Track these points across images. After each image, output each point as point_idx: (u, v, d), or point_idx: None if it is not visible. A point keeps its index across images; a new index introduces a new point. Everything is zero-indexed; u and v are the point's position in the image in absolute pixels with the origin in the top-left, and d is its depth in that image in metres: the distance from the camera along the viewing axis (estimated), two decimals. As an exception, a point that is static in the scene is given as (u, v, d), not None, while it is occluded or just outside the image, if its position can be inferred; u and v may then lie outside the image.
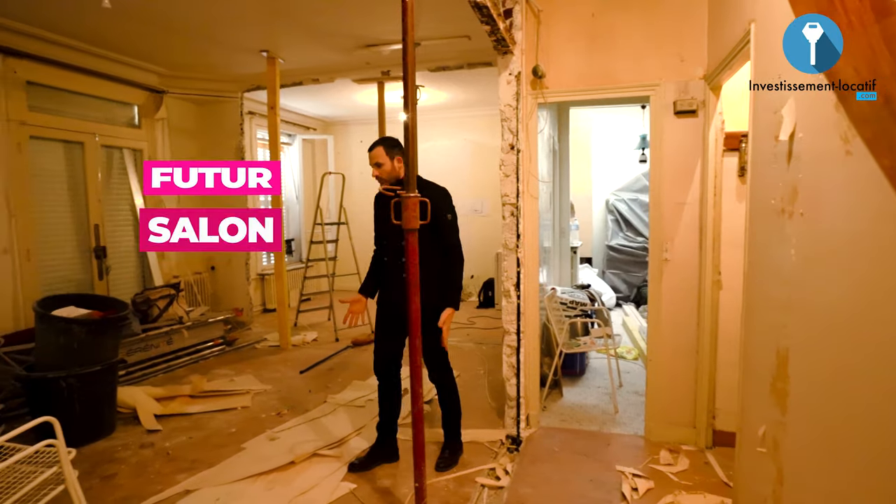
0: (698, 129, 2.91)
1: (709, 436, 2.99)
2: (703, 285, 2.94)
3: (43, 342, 3.20)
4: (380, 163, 2.64)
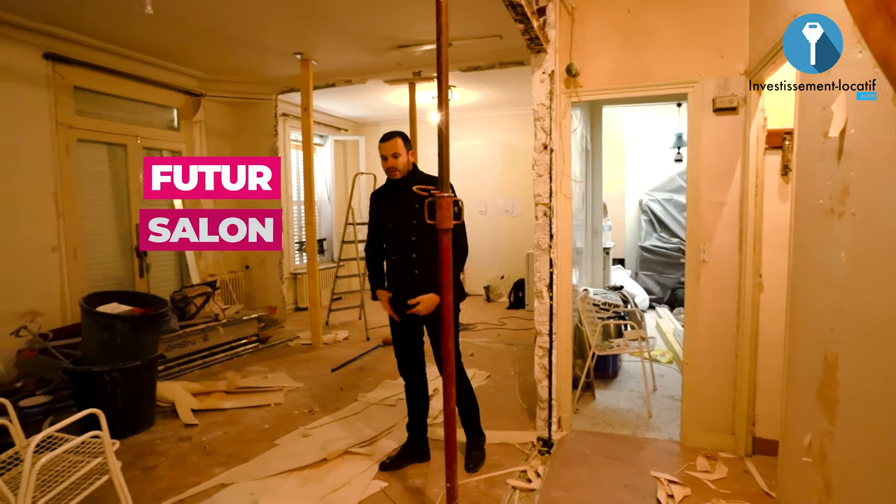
0: (738, 127, 2.82)
1: (748, 443, 2.89)
2: (742, 287, 2.85)
3: (88, 337, 3.32)
4: (398, 153, 2.59)
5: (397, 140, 2.60)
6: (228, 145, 6.15)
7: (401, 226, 2.62)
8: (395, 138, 2.60)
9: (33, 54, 4.08)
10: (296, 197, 7.24)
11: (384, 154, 2.61)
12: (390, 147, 2.59)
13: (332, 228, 8.20)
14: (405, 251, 2.62)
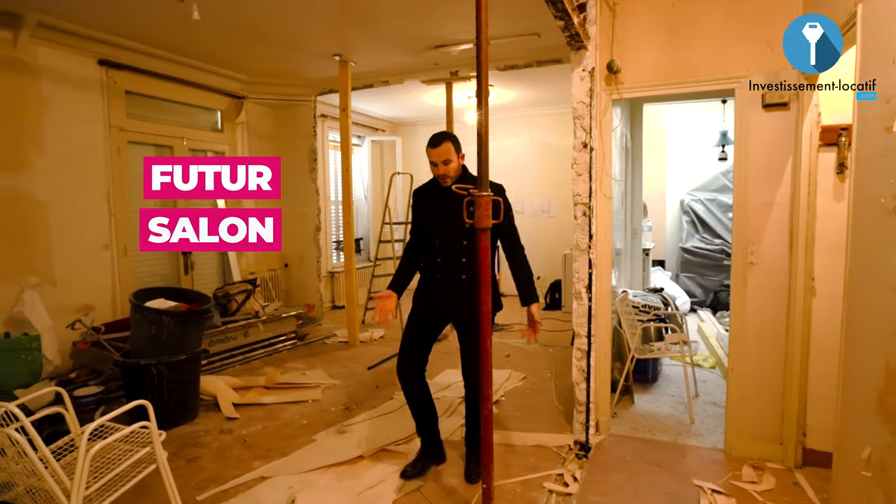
0: (790, 123, 2.70)
1: (798, 454, 2.76)
2: (793, 291, 2.72)
3: (137, 331, 3.45)
4: (449, 160, 2.46)
5: (448, 145, 2.45)
6: (269, 146, 6.30)
7: (451, 230, 2.48)
8: (445, 143, 2.44)
9: (89, 61, 4.28)
10: (333, 197, 7.35)
11: (434, 161, 2.47)
12: (441, 153, 2.45)
13: (368, 228, 8.29)
14: (453, 255, 2.51)
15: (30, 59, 3.87)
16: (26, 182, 3.89)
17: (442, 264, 2.54)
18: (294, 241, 6.50)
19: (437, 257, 2.55)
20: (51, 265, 4.05)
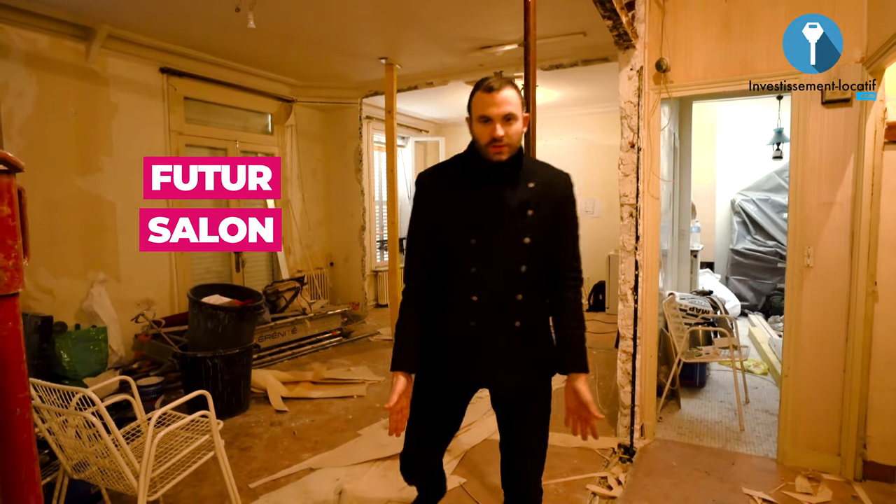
0: (852, 120, 2.59)
1: (858, 466, 2.64)
2: (854, 296, 2.61)
3: (194, 325, 3.63)
4: (512, 116, 1.49)
5: (512, 92, 1.49)
6: (317, 147, 6.49)
7: (500, 245, 1.55)
8: (507, 87, 1.49)
9: (151, 69, 4.52)
10: (377, 197, 7.48)
11: (489, 115, 1.48)
12: (502, 103, 1.47)
13: (411, 228, 8.39)
14: (501, 288, 1.57)
15: (100, 69, 4.13)
16: (98, 184, 4.16)
17: (480, 305, 1.57)
18: (340, 240, 6.67)
19: (471, 293, 1.57)
20: (117, 262, 4.31)
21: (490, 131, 1.47)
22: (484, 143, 1.50)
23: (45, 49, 3.81)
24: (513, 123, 1.49)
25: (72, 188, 4.02)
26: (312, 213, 6.48)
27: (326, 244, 6.70)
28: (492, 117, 1.47)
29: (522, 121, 1.53)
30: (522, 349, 1.60)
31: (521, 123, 1.52)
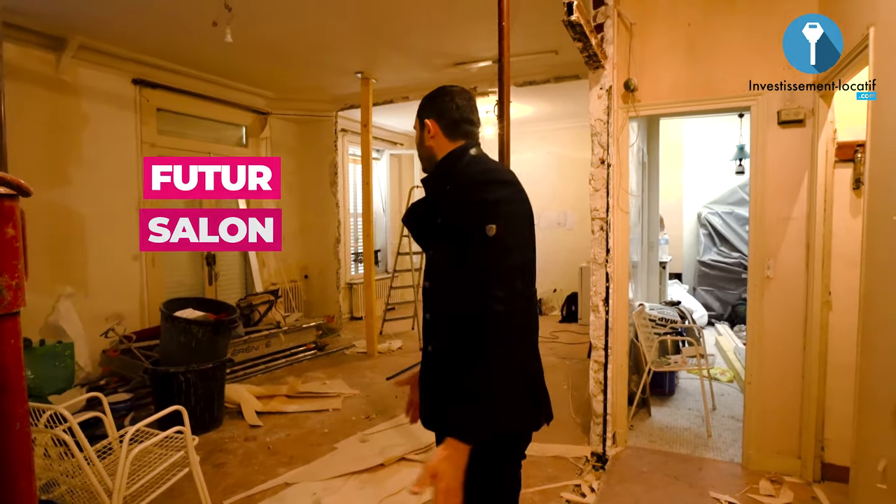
0: (806, 140, 2.75)
1: (816, 468, 2.77)
2: (810, 305, 2.75)
3: (166, 340, 3.58)
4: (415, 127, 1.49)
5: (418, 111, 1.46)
6: (292, 160, 6.47)
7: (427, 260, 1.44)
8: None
9: (124, 80, 4.48)
10: (352, 209, 7.49)
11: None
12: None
13: (386, 240, 8.41)
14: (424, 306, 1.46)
15: (71, 80, 4.07)
16: (67, 196, 4.08)
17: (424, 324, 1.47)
18: (314, 253, 6.65)
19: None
20: (85, 275, 4.22)
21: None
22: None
23: (14, 58, 3.74)
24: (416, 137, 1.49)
25: (39, 200, 3.90)
26: (287, 226, 6.44)
27: (301, 257, 6.66)
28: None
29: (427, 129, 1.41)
30: (434, 377, 1.39)
31: (416, 133, 1.47)
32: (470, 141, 1.41)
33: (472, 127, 1.42)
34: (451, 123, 1.39)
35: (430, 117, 1.40)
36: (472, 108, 1.43)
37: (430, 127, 1.39)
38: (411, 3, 3.57)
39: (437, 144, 1.40)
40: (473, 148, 1.39)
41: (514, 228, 1.21)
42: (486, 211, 1.20)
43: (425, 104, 1.43)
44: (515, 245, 1.21)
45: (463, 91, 1.44)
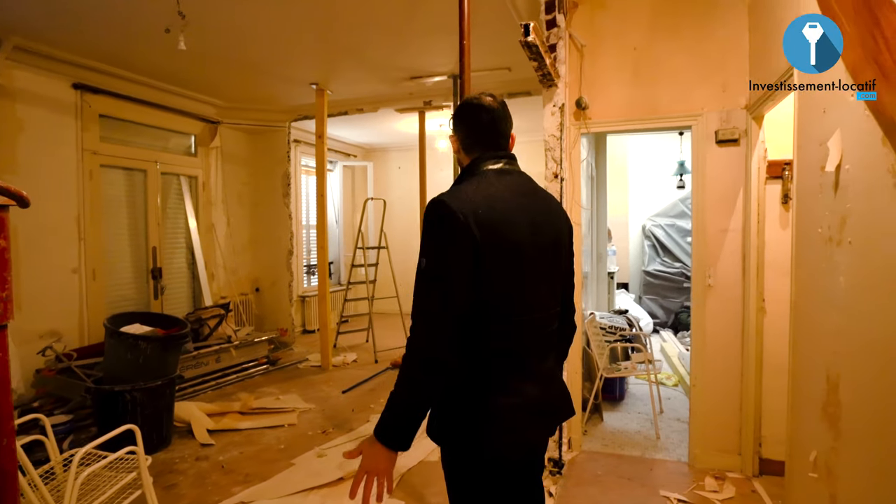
0: (740, 158, 2.97)
1: (755, 463, 2.96)
2: (746, 311, 2.95)
3: (111, 357, 3.41)
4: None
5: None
6: (243, 170, 6.33)
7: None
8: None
9: (63, 84, 4.27)
10: (304, 221, 7.39)
11: None
12: None
13: (339, 252, 8.33)
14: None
15: (6, 82, 3.85)
16: (-5, 206, 3.83)
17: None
18: (266, 265, 6.51)
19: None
20: (18, 290, 3.96)
21: None
22: None
23: (-60, 59, 3.52)
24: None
25: (-33, 210, 3.67)
26: (238, 238, 6.28)
27: (252, 269, 6.50)
28: None
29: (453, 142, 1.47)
30: None
31: (453, 143, 1.48)
32: (483, 154, 1.39)
33: (492, 136, 1.42)
34: (463, 139, 1.43)
35: (453, 133, 1.46)
36: (486, 121, 1.41)
37: (452, 144, 1.46)
38: (368, 17, 3.61)
39: (462, 159, 1.44)
40: (487, 162, 1.38)
41: (441, 266, 1.21)
42: (422, 242, 1.26)
43: (453, 117, 1.47)
44: (440, 282, 1.20)
45: (480, 104, 1.42)
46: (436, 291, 1.21)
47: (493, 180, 1.35)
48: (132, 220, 5.01)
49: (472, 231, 1.20)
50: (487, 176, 1.35)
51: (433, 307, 1.21)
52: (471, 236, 1.21)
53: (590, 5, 3.21)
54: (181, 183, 5.51)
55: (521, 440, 1.31)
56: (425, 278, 1.22)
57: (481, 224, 1.22)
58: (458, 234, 1.20)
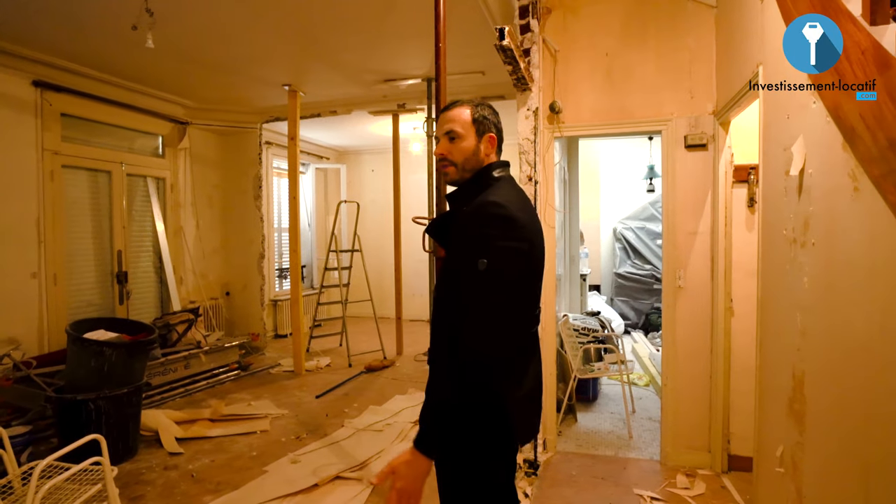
0: (708, 162, 3.05)
1: (724, 460, 3.03)
2: (715, 312, 3.03)
3: (74, 365, 3.29)
4: (453, 132, 1.40)
5: (459, 110, 1.42)
6: (214, 172, 6.20)
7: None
8: (457, 107, 1.43)
9: (21, 81, 4.11)
10: (276, 224, 7.28)
11: (437, 134, 1.47)
12: (445, 121, 1.42)
13: (312, 255, 8.23)
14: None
15: (-41, 80, 3.69)
16: (-51, 208, 3.66)
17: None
18: (237, 269, 6.38)
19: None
20: (-28, 296, 3.79)
21: (437, 148, 1.45)
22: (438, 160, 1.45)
23: None
24: (457, 142, 1.40)
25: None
26: (207, 241, 6.14)
27: (222, 273, 6.36)
28: (438, 136, 1.45)
29: (478, 140, 1.41)
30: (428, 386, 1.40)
31: (469, 142, 1.39)
32: (502, 161, 1.46)
33: (501, 144, 1.49)
34: (500, 141, 1.47)
35: (492, 132, 1.43)
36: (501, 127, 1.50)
37: (492, 142, 1.43)
38: (342, 19, 3.58)
39: (488, 160, 1.43)
40: (499, 169, 1.42)
41: (503, 266, 1.22)
42: (477, 244, 1.24)
43: (485, 116, 1.42)
44: (501, 284, 1.22)
45: (493, 108, 1.49)
46: (502, 294, 1.22)
47: (517, 186, 1.44)
48: (96, 222, 4.85)
49: (528, 235, 1.28)
50: (511, 182, 1.42)
51: (498, 309, 1.22)
52: (528, 240, 1.28)
53: (563, 11, 3.26)
54: (148, 185, 5.36)
55: (528, 427, 1.41)
56: (488, 280, 1.21)
57: (530, 231, 1.30)
58: (518, 237, 1.26)
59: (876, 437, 1.25)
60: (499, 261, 1.22)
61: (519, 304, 1.29)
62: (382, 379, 5.11)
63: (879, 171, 1.21)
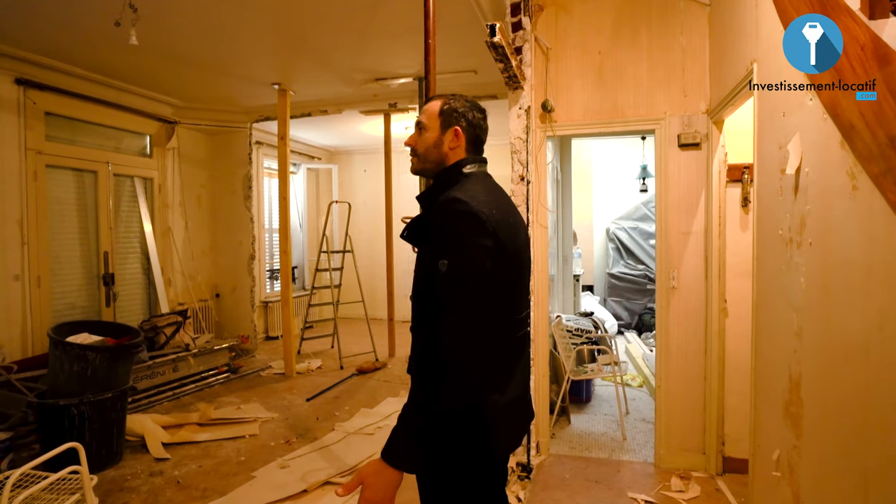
0: (702, 161, 3.02)
1: (719, 462, 3.00)
2: (709, 313, 3.00)
3: (57, 369, 3.21)
4: (420, 123, 1.41)
5: (431, 103, 1.41)
6: (203, 172, 6.12)
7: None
8: (431, 101, 1.42)
9: (4, 79, 4.01)
10: (267, 224, 7.20)
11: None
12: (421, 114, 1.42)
13: (303, 256, 8.16)
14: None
15: (-63, 77, 3.60)
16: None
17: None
18: (227, 270, 6.30)
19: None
20: (-47, 299, 3.70)
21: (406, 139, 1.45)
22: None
23: None
24: (422, 133, 1.38)
25: None
26: (196, 242, 6.06)
27: (212, 274, 6.28)
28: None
29: (442, 132, 1.36)
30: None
31: (431, 133, 1.37)
32: (476, 157, 1.40)
33: (482, 144, 1.43)
34: (474, 137, 1.40)
35: (461, 125, 1.37)
36: (485, 124, 1.43)
37: (459, 135, 1.37)
38: (331, 17, 3.53)
39: (454, 156, 1.37)
40: (471, 165, 1.37)
41: (466, 263, 1.17)
42: (440, 242, 1.21)
43: (455, 109, 1.37)
44: (468, 282, 1.17)
45: (475, 103, 1.42)
46: (469, 291, 1.17)
47: (489, 182, 1.38)
48: (82, 223, 4.76)
49: (493, 231, 1.20)
50: (481, 178, 1.36)
51: (468, 307, 1.17)
52: (493, 236, 1.20)
53: (555, 9, 3.22)
54: (135, 185, 5.28)
55: (512, 436, 1.34)
56: (455, 278, 1.17)
57: (498, 226, 1.22)
58: (481, 233, 1.18)
59: (875, 441, 1.22)
60: (461, 258, 1.17)
61: (492, 303, 1.21)
62: (374, 381, 5.06)
63: (879, 169, 1.18)
